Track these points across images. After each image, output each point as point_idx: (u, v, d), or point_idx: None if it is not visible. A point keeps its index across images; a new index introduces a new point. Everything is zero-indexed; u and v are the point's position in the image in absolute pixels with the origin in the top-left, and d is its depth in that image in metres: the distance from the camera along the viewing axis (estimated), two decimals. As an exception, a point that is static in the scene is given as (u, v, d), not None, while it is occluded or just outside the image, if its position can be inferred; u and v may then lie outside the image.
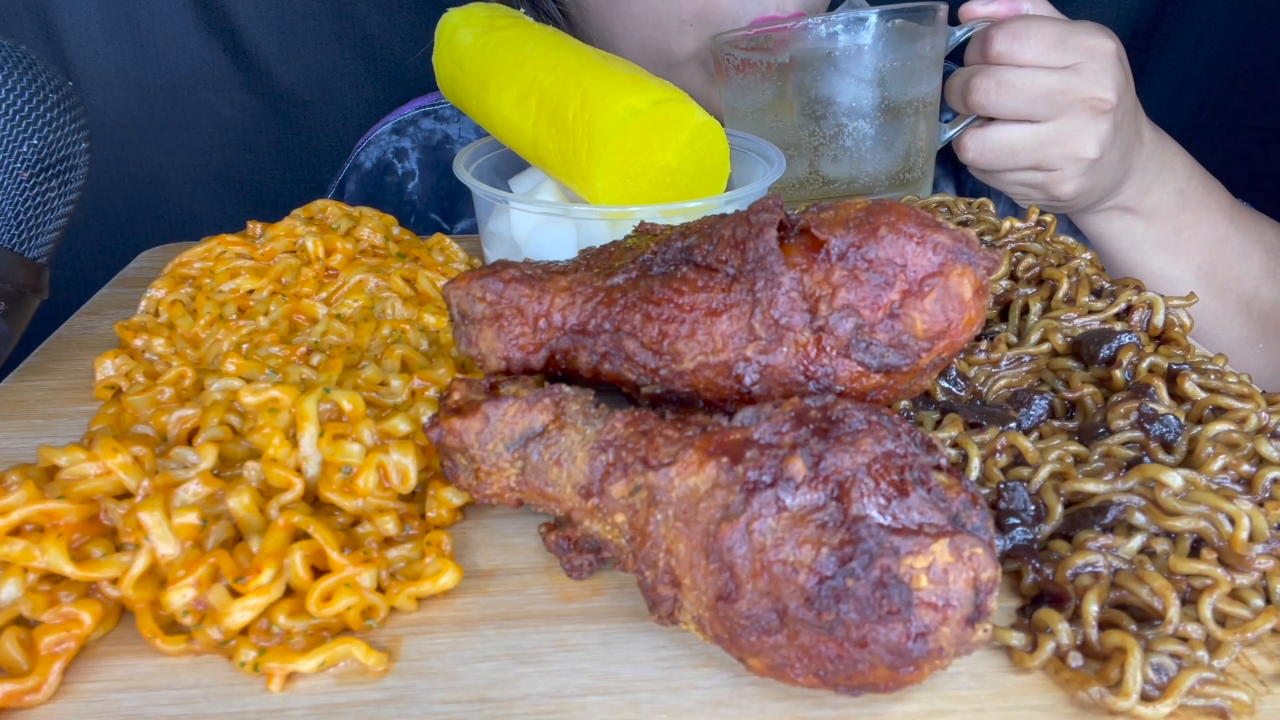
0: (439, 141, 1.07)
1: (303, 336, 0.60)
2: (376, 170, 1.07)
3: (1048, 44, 0.73)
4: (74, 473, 0.45)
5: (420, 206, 1.07)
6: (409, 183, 1.06)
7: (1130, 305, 0.58)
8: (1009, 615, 0.43)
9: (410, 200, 1.06)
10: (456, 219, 1.06)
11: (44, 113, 0.56)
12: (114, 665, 0.40)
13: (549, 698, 0.39)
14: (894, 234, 0.43)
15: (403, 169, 1.07)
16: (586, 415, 0.43)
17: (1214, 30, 1.52)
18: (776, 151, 0.74)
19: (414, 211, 1.06)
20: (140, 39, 1.39)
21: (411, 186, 1.06)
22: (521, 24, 0.78)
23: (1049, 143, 0.75)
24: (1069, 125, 0.74)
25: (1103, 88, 0.73)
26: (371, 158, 1.08)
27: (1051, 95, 0.73)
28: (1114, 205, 0.84)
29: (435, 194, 1.06)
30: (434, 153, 1.07)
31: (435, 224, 1.06)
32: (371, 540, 0.45)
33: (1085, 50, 0.73)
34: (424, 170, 1.06)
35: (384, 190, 1.07)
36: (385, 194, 1.06)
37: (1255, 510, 0.43)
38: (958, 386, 0.54)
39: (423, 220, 1.06)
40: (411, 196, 1.06)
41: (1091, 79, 0.73)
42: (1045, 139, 0.75)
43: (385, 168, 1.07)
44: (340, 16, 1.42)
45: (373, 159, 1.08)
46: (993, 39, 0.73)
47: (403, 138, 1.08)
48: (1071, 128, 0.74)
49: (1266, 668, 0.40)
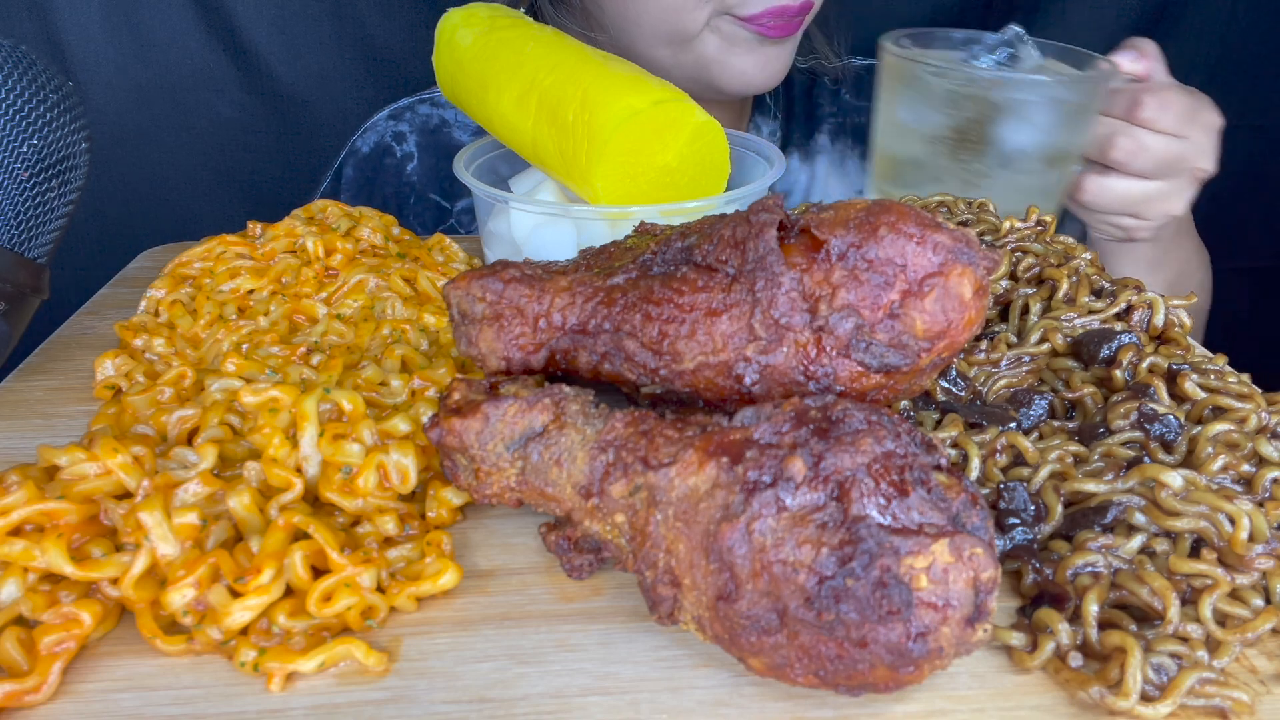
0: (436, 125, 1.08)
1: (303, 336, 0.60)
2: (375, 154, 1.07)
3: (1183, 116, 0.81)
4: (74, 473, 0.45)
5: (420, 187, 1.07)
6: (408, 164, 1.07)
7: (1130, 305, 0.58)
8: (1009, 615, 0.43)
9: (409, 181, 1.06)
10: (456, 197, 1.06)
11: (44, 113, 0.56)
12: (114, 665, 0.40)
13: (549, 698, 0.39)
14: (894, 234, 0.43)
15: (401, 151, 1.07)
16: (586, 415, 0.43)
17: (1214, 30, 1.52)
18: (776, 151, 0.74)
19: (413, 193, 1.06)
20: (140, 39, 1.39)
21: (410, 168, 1.07)
22: (521, 24, 0.78)
23: (1154, 198, 0.84)
24: (1173, 186, 0.84)
25: (1208, 159, 0.83)
26: (369, 142, 1.08)
27: (1173, 162, 0.82)
28: None
29: (435, 175, 1.07)
30: (432, 135, 1.07)
31: (435, 204, 1.06)
32: (371, 540, 0.45)
33: (1205, 125, 0.82)
34: (423, 153, 1.07)
35: (383, 172, 1.07)
36: (384, 176, 1.07)
37: (1255, 510, 0.43)
38: (958, 386, 0.54)
39: (422, 200, 1.06)
40: (411, 178, 1.07)
41: (1202, 150, 0.82)
42: (1152, 195, 0.84)
43: (384, 151, 1.07)
44: (340, 16, 1.42)
45: (370, 143, 1.08)
46: (1143, 104, 0.80)
47: (400, 122, 1.09)
48: (1174, 189, 0.84)
49: (1266, 668, 0.40)
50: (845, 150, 1.15)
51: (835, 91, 1.17)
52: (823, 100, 1.17)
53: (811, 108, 1.16)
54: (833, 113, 1.16)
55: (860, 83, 1.18)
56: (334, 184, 1.08)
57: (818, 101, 1.16)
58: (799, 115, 1.16)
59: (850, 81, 1.18)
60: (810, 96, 1.17)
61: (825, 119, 1.16)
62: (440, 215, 1.07)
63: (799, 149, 1.14)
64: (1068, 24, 1.51)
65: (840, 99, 1.17)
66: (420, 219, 1.06)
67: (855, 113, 1.16)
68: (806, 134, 1.15)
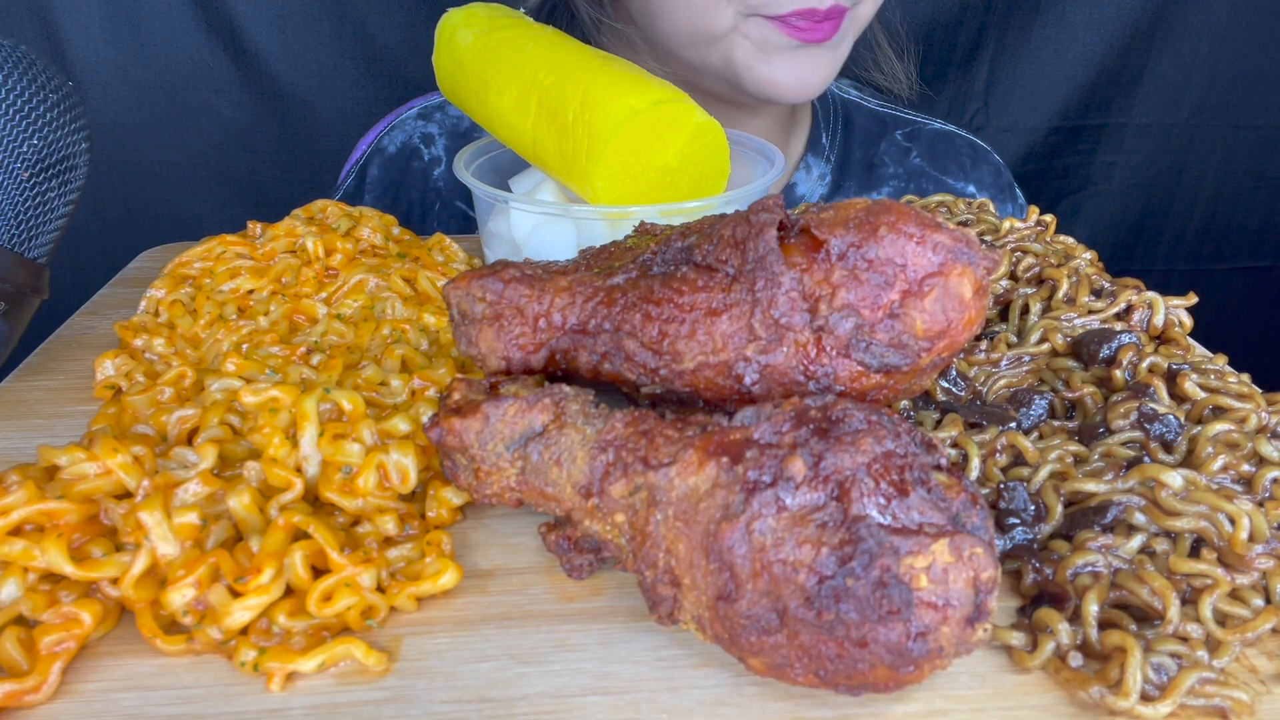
0: (467, 129, 1.03)
1: (303, 336, 0.60)
2: (402, 155, 1.03)
3: None
4: (74, 473, 0.45)
5: (446, 194, 1.03)
6: (435, 169, 1.02)
7: (1130, 305, 0.58)
8: (1009, 615, 0.43)
9: (435, 187, 1.02)
10: None
11: (44, 113, 0.56)
12: (114, 665, 0.40)
13: (549, 698, 0.39)
14: (894, 234, 0.42)
15: (429, 154, 1.03)
16: (586, 415, 0.43)
17: (1214, 30, 1.52)
18: (776, 151, 0.74)
19: (439, 199, 1.02)
20: (140, 39, 1.39)
21: (438, 173, 1.02)
22: (521, 24, 0.78)
23: None
24: None
25: None
26: (396, 141, 1.03)
27: None
28: None
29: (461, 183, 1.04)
30: (462, 140, 1.02)
31: (462, 212, 1.02)
32: (371, 540, 0.45)
33: None
34: (451, 156, 1.01)
35: (410, 175, 1.02)
36: (411, 179, 1.02)
37: (1255, 510, 0.43)
38: (958, 386, 0.54)
39: (448, 208, 1.02)
40: (437, 183, 1.03)
41: None
42: None
43: (411, 152, 1.03)
44: (340, 16, 1.42)
45: (397, 143, 1.03)
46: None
47: (429, 123, 1.04)
48: None
49: (1266, 668, 0.40)
50: None
51: (907, 150, 1.06)
52: (889, 158, 1.05)
53: (872, 162, 1.05)
54: (898, 174, 1.05)
55: (937, 147, 1.07)
56: (359, 181, 1.04)
57: (883, 158, 1.05)
58: (856, 164, 1.05)
59: (926, 142, 1.07)
60: (876, 146, 1.05)
61: (888, 179, 1.05)
62: (467, 226, 1.01)
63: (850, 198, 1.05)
64: (1068, 24, 1.51)
65: (909, 161, 1.06)
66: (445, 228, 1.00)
67: (923, 179, 1.05)
68: (862, 186, 1.04)
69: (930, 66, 1.53)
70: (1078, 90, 1.55)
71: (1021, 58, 1.53)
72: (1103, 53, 1.53)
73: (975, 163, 1.08)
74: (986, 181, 1.08)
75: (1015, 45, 1.52)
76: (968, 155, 1.08)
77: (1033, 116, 1.56)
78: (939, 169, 1.07)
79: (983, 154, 1.09)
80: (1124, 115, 1.57)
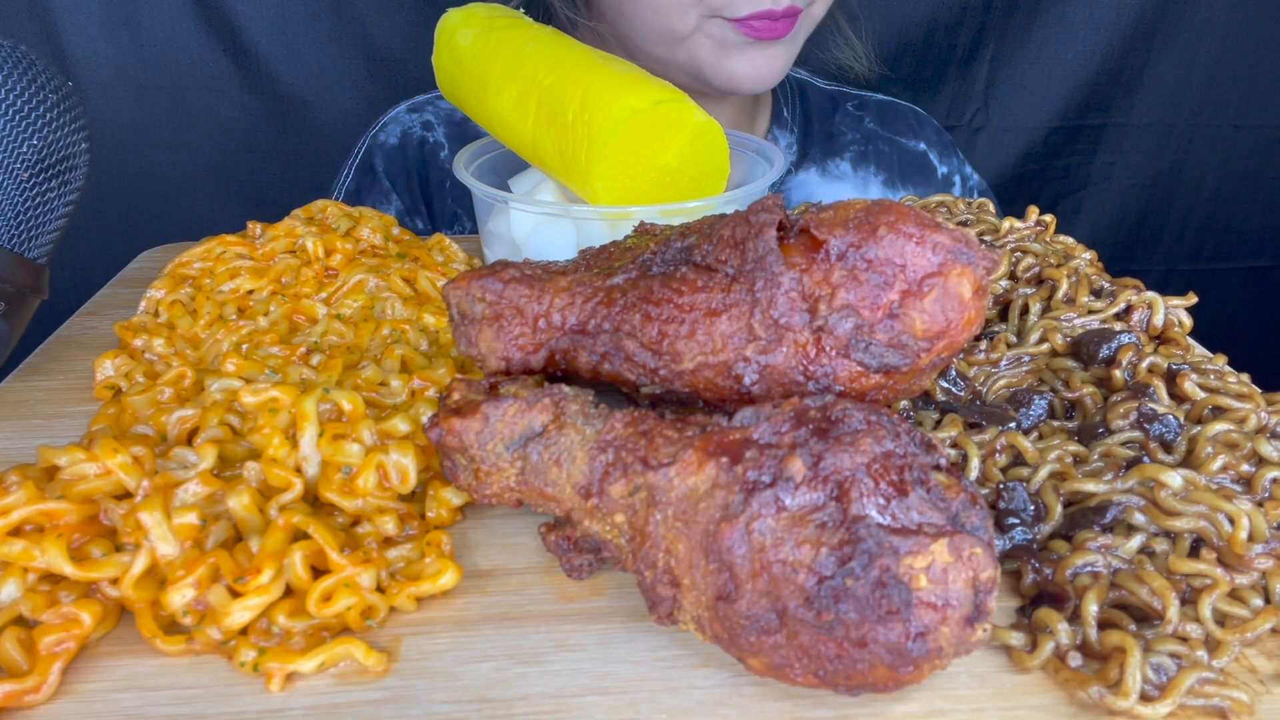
0: (461, 119, 1.08)
1: (303, 336, 0.60)
2: (404, 144, 1.07)
3: None
4: (74, 473, 0.45)
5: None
6: (440, 152, 1.07)
7: (1130, 305, 0.58)
8: (1009, 615, 0.43)
9: (445, 167, 1.06)
10: None
11: (44, 113, 0.56)
12: (114, 665, 0.40)
13: (549, 698, 0.39)
14: (893, 234, 0.43)
15: (432, 139, 1.07)
16: (586, 415, 0.43)
17: (1214, 30, 1.52)
18: (776, 151, 0.74)
19: (449, 177, 1.06)
20: (140, 39, 1.39)
21: (444, 156, 1.07)
22: (521, 24, 0.78)
23: None
24: None
25: None
26: (394, 134, 1.07)
27: None
28: None
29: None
30: (458, 127, 1.08)
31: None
32: (371, 540, 0.45)
33: None
34: (452, 143, 1.07)
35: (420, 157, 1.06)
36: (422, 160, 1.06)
37: (1255, 510, 0.43)
38: (958, 386, 0.54)
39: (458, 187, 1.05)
40: (445, 165, 1.07)
41: None
42: None
43: (416, 139, 1.07)
44: (340, 16, 1.42)
45: (395, 135, 1.07)
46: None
47: (423, 114, 1.09)
48: None
49: (1266, 668, 0.40)
50: (868, 177, 1.14)
51: (859, 118, 1.17)
52: (845, 126, 1.16)
53: (831, 132, 1.16)
54: (856, 139, 1.16)
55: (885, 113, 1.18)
56: (358, 179, 1.07)
57: (840, 127, 1.16)
58: (817, 134, 1.16)
59: (874, 109, 1.18)
60: (832, 119, 1.16)
61: (848, 145, 1.15)
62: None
63: (816, 165, 1.14)
64: (1068, 24, 1.51)
65: (864, 126, 1.16)
66: (460, 203, 1.05)
67: (878, 140, 1.16)
68: (825, 154, 1.15)
69: (930, 66, 1.53)
70: (1077, 90, 1.55)
71: (1021, 58, 1.53)
72: (1102, 53, 1.53)
73: (920, 125, 1.20)
74: (933, 140, 1.19)
75: (1015, 45, 1.52)
76: (913, 118, 1.21)
77: (1032, 116, 1.57)
78: (891, 130, 1.18)
79: (924, 119, 1.21)
80: (1124, 115, 1.57)
